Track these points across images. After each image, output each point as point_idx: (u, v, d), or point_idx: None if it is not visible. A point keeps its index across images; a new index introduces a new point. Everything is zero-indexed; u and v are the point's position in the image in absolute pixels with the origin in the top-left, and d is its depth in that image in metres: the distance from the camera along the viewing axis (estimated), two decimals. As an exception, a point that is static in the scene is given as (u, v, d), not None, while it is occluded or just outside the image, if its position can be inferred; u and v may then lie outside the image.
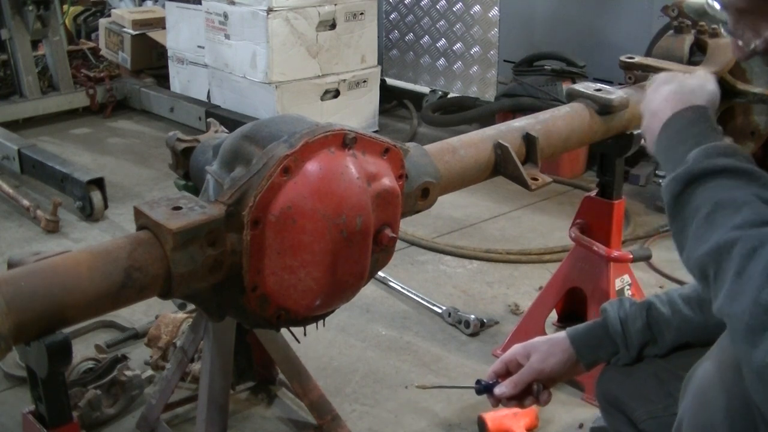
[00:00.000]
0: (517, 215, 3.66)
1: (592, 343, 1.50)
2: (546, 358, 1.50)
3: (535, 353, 1.51)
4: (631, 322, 1.47)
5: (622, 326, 1.47)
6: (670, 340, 1.45)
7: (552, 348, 1.51)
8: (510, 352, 1.55)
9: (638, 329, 1.46)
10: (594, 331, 1.51)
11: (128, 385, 2.20)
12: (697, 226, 1.07)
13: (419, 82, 5.14)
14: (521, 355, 1.53)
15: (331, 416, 2.08)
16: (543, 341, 1.54)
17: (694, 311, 1.44)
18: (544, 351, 1.51)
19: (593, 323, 1.53)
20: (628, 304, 1.50)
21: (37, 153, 3.85)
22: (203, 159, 1.71)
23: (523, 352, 1.53)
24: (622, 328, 1.47)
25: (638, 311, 1.47)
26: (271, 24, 4.21)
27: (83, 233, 3.46)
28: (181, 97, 5.01)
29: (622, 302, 1.51)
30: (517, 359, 1.54)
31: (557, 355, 1.50)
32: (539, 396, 1.51)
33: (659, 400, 1.39)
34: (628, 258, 2.30)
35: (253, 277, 1.37)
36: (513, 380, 1.51)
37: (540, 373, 1.50)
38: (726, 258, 1.01)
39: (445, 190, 1.73)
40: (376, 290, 2.92)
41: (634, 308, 1.48)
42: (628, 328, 1.47)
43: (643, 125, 1.36)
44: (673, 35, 2.28)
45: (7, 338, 1.15)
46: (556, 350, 1.51)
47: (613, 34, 4.13)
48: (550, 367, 1.50)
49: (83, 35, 6.19)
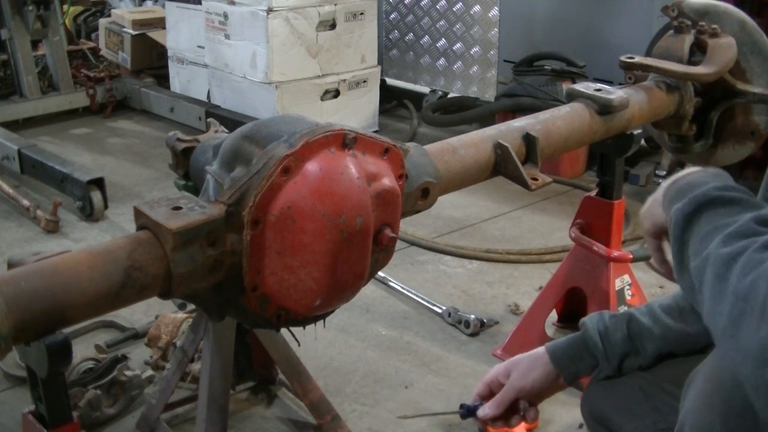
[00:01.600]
0: (517, 215, 3.66)
1: (571, 357, 1.48)
2: (526, 375, 1.48)
3: (515, 371, 1.49)
4: (612, 334, 1.45)
5: (601, 339, 1.45)
6: (652, 350, 1.43)
7: (531, 364, 1.49)
8: (491, 373, 1.53)
9: (618, 340, 1.44)
10: (573, 344, 1.49)
11: (128, 385, 2.20)
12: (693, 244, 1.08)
13: (419, 82, 5.14)
14: (502, 375, 1.51)
15: (331, 416, 2.08)
16: (523, 358, 1.51)
17: (676, 321, 1.43)
18: (524, 368, 1.49)
19: (572, 337, 1.51)
20: (608, 317, 1.49)
21: (37, 153, 3.85)
22: (203, 159, 1.71)
23: (503, 371, 1.51)
24: (602, 341, 1.45)
25: (618, 323, 1.46)
26: (271, 24, 4.21)
27: (83, 233, 3.46)
28: (181, 97, 5.01)
29: (602, 315, 1.50)
30: (498, 379, 1.51)
31: (537, 370, 1.48)
32: (526, 414, 1.49)
33: (646, 415, 1.36)
34: (628, 258, 2.30)
35: (253, 277, 1.37)
36: (495, 400, 1.48)
37: (521, 391, 1.48)
38: (705, 268, 1.02)
39: (445, 190, 1.73)
40: (376, 290, 2.92)
41: (613, 321, 1.47)
42: (608, 339, 1.45)
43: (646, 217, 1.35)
44: (673, 35, 2.27)
45: (7, 338, 1.15)
46: (536, 365, 1.49)
47: (613, 34, 4.13)
48: (530, 383, 1.48)
49: (83, 35, 6.20)
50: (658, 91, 2.21)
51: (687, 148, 2.42)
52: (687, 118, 2.28)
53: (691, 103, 2.26)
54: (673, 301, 1.47)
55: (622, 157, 2.26)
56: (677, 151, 2.49)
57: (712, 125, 2.35)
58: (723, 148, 2.42)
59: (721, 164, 2.52)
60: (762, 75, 2.26)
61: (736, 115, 2.36)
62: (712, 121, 2.35)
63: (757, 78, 2.27)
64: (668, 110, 2.24)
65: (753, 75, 2.27)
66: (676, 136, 2.40)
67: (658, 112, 2.22)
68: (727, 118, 2.36)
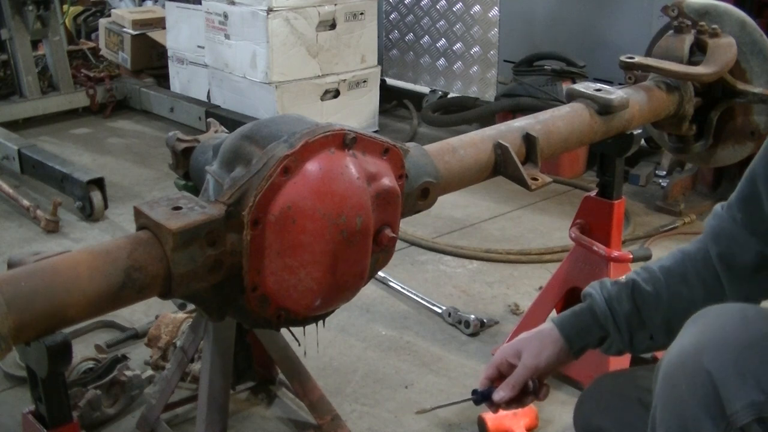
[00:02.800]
0: (517, 215, 3.66)
1: (579, 330, 1.47)
2: (539, 354, 1.46)
3: (525, 351, 1.47)
4: (617, 304, 1.44)
5: (609, 307, 1.44)
6: (660, 321, 1.42)
7: (542, 342, 1.47)
8: (499, 354, 1.51)
9: (626, 313, 1.43)
10: (581, 316, 1.48)
11: (128, 385, 2.20)
12: None
13: (419, 82, 5.14)
14: (511, 356, 1.49)
15: (331, 416, 2.08)
16: (531, 337, 1.49)
17: (679, 286, 1.42)
18: (535, 347, 1.47)
19: (578, 309, 1.49)
20: (610, 284, 1.47)
21: (37, 153, 3.85)
22: (203, 159, 1.71)
23: (512, 351, 1.49)
24: (610, 310, 1.44)
25: (623, 292, 1.44)
26: (271, 24, 4.21)
27: (83, 233, 3.46)
28: (181, 97, 5.01)
29: (603, 283, 1.48)
30: (508, 360, 1.49)
31: (549, 348, 1.46)
32: (537, 392, 1.48)
33: (646, 427, 1.35)
34: (628, 258, 2.30)
35: (253, 277, 1.37)
36: (509, 383, 1.46)
37: (535, 370, 1.46)
38: None
39: (445, 190, 1.73)
40: (376, 290, 2.92)
41: (616, 288, 1.45)
42: (614, 309, 1.44)
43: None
44: (673, 35, 2.27)
45: (7, 338, 1.15)
46: (547, 343, 1.47)
47: (613, 34, 4.13)
48: (545, 362, 1.46)
49: (83, 35, 6.20)
50: (658, 91, 2.21)
51: (687, 148, 2.42)
52: (687, 118, 2.28)
53: (691, 103, 2.26)
54: (674, 263, 1.45)
55: (622, 157, 2.26)
56: (677, 151, 2.49)
57: (712, 125, 2.35)
58: (723, 148, 2.42)
59: (721, 164, 2.53)
60: (762, 75, 2.26)
61: (736, 115, 2.36)
62: (712, 121, 2.35)
63: (757, 78, 2.27)
64: (668, 110, 2.24)
65: (753, 75, 2.27)
66: (676, 136, 2.40)
67: (658, 112, 2.22)
68: (727, 118, 2.36)
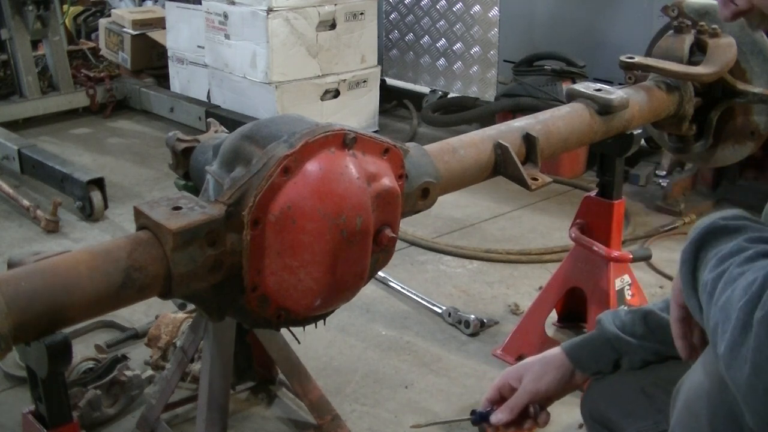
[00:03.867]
0: (517, 215, 3.66)
1: (590, 353, 1.45)
2: (540, 378, 1.45)
3: (527, 374, 1.46)
4: (629, 327, 1.43)
5: (620, 329, 1.42)
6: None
7: (545, 366, 1.46)
8: (501, 377, 1.50)
9: (639, 333, 1.42)
10: (592, 341, 1.46)
11: (128, 385, 2.20)
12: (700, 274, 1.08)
13: (419, 82, 5.14)
14: (513, 379, 1.48)
15: (331, 416, 2.08)
16: (534, 361, 1.48)
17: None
18: (537, 371, 1.46)
19: (589, 335, 1.49)
20: (623, 313, 1.46)
21: (37, 153, 3.85)
22: (203, 159, 1.71)
23: (514, 374, 1.48)
24: (622, 331, 1.42)
25: (635, 319, 1.44)
26: (271, 24, 4.21)
27: (83, 233, 3.46)
28: (181, 97, 5.01)
29: (617, 313, 1.47)
30: (510, 383, 1.48)
31: (551, 374, 1.45)
32: (537, 418, 1.46)
33: (648, 416, 1.34)
34: (628, 258, 2.30)
35: (253, 277, 1.37)
36: (508, 406, 1.45)
37: (536, 394, 1.45)
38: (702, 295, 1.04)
39: (445, 190, 1.72)
40: (376, 290, 2.92)
41: (629, 317, 1.45)
42: (626, 330, 1.42)
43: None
44: (673, 35, 2.27)
45: (7, 338, 1.15)
46: (550, 368, 1.46)
47: (613, 34, 4.13)
48: (545, 387, 1.45)
49: (83, 35, 6.20)
50: (658, 91, 2.21)
51: (687, 148, 2.42)
52: (687, 118, 2.28)
53: (691, 103, 2.26)
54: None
55: (622, 157, 2.26)
56: (677, 151, 2.49)
57: (712, 125, 2.35)
58: (723, 148, 2.42)
59: (721, 164, 2.53)
60: (762, 75, 2.26)
61: (736, 115, 2.36)
62: (712, 121, 2.35)
63: (757, 78, 2.27)
64: (668, 110, 2.24)
65: (753, 75, 2.27)
66: (676, 136, 2.41)
67: (658, 112, 2.22)
68: (727, 118, 2.36)
